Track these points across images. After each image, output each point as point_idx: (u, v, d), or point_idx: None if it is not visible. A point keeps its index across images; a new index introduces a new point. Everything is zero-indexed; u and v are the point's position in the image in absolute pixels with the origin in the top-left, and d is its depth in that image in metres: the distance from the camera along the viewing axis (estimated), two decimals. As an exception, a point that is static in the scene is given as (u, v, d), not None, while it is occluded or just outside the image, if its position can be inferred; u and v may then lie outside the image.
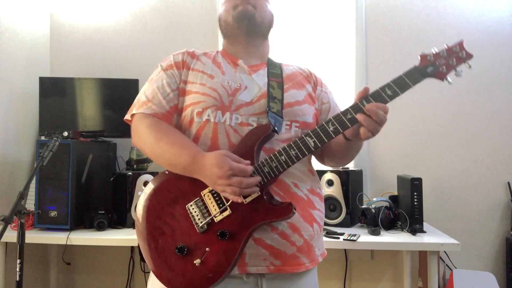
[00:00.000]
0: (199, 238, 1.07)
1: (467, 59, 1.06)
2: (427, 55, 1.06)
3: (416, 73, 1.04)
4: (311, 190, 1.19)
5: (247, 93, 1.19)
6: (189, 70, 1.23)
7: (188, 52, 1.28)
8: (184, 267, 1.06)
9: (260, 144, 1.11)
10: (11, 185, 2.48)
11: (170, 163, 1.11)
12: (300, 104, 1.22)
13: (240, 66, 1.26)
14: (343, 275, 2.53)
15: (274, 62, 1.32)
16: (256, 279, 1.11)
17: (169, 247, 1.08)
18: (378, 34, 2.66)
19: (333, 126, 1.06)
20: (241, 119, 1.15)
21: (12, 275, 1.85)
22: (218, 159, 1.02)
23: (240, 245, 1.04)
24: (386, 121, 1.04)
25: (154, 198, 1.14)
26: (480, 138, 2.55)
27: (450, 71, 1.05)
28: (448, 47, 1.06)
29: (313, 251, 1.17)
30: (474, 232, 2.51)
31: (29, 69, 2.68)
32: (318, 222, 1.19)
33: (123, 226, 2.25)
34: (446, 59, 1.05)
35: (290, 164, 1.07)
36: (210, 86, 1.18)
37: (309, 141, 1.07)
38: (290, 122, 1.19)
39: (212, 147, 1.14)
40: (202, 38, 2.73)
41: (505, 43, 2.57)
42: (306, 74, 1.34)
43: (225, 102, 1.16)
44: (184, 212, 1.09)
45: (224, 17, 1.30)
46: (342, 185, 2.23)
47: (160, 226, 1.10)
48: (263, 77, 1.24)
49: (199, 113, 1.16)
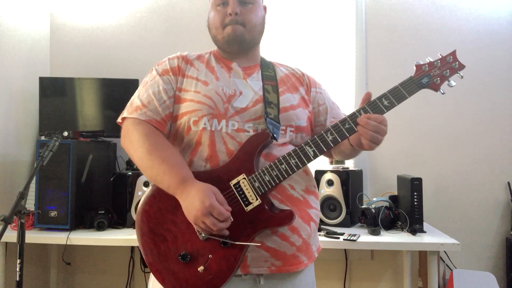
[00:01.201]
0: (202, 245, 1.08)
1: (459, 69, 1.10)
2: (422, 65, 1.10)
3: (412, 84, 1.09)
4: (306, 189, 1.20)
5: (242, 98, 1.19)
6: (184, 78, 1.22)
7: (182, 56, 1.26)
8: (188, 273, 1.07)
9: (259, 152, 1.13)
10: (11, 185, 2.47)
11: (156, 178, 1.10)
12: (294, 109, 1.23)
13: (234, 69, 1.25)
14: (343, 275, 2.53)
15: (266, 63, 1.32)
16: (254, 276, 1.12)
17: (172, 253, 1.09)
18: (378, 34, 2.65)
19: (332, 136, 1.09)
20: (237, 126, 1.16)
21: (12, 275, 1.85)
22: (204, 193, 1.02)
23: (242, 252, 1.06)
24: (386, 130, 1.07)
25: (154, 204, 1.14)
26: (480, 138, 2.55)
27: (443, 82, 1.10)
28: (442, 57, 1.10)
29: (311, 249, 1.20)
30: (474, 232, 2.51)
31: (29, 69, 2.68)
32: (315, 220, 1.21)
33: (123, 226, 2.25)
34: (440, 69, 1.09)
35: (290, 173, 1.10)
36: (205, 94, 1.18)
37: (308, 150, 1.10)
38: (285, 127, 1.20)
39: (211, 155, 1.14)
40: (202, 38, 2.71)
41: (505, 43, 2.57)
42: (299, 75, 1.34)
43: (220, 109, 1.16)
44: (186, 219, 1.08)
45: (213, 33, 1.28)
46: (342, 185, 2.23)
47: (162, 232, 1.11)
48: (258, 81, 1.24)
49: (195, 121, 1.16)
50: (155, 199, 1.14)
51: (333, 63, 2.68)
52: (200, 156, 1.15)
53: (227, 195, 1.09)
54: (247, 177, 1.09)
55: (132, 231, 2.16)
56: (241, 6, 1.23)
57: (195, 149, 1.17)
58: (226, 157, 1.13)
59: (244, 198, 1.09)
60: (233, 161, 1.12)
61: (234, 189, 1.09)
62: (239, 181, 1.09)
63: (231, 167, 1.11)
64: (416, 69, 1.10)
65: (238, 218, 1.07)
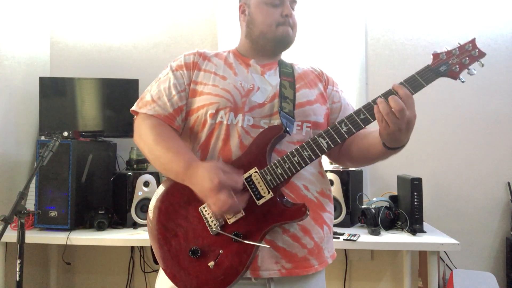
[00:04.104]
0: (213, 240, 1.07)
1: (479, 57, 1.04)
2: (439, 54, 1.05)
3: (430, 72, 1.03)
4: (321, 192, 1.19)
5: (260, 94, 1.19)
6: (200, 71, 1.22)
7: (199, 53, 1.26)
8: (198, 269, 1.06)
9: (272, 145, 1.11)
10: (11, 185, 2.47)
11: (165, 167, 1.11)
12: (311, 104, 1.22)
13: (252, 66, 1.25)
14: (343, 275, 2.53)
15: (285, 62, 1.31)
16: (264, 280, 1.10)
17: (183, 248, 1.08)
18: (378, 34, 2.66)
19: (346, 127, 1.05)
20: (252, 121, 1.15)
21: (12, 275, 1.85)
22: (212, 171, 1.00)
23: (254, 248, 1.04)
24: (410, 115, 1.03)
25: (166, 200, 1.13)
26: (480, 138, 2.55)
27: (463, 70, 1.04)
28: (461, 46, 1.05)
29: (323, 253, 1.17)
30: (474, 232, 2.51)
31: (29, 69, 2.68)
32: (328, 224, 1.19)
33: (123, 226, 2.25)
34: (459, 57, 1.04)
35: (303, 165, 1.06)
36: (223, 88, 1.17)
37: (322, 142, 1.06)
38: (301, 122, 1.18)
39: (224, 148, 1.14)
40: (202, 38, 2.74)
41: (505, 43, 2.57)
42: (318, 73, 1.34)
43: (238, 103, 1.16)
44: (197, 214, 1.08)
45: (263, 30, 1.24)
46: (342, 185, 2.23)
47: (173, 227, 1.10)
48: (275, 76, 1.24)
49: (212, 114, 1.15)
50: (167, 195, 1.14)
51: (333, 63, 2.68)
52: (213, 149, 1.15)
53: None
54: (259, 171, 1.07)
55: (132, 231, 2.16)
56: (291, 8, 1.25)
57: (208, 142, 1.16)
58: (239, 151, 1.12)
59: (256, 192, 1.06)
60: (245, 155, 1.11)
61: (246, 183, 1.07)
62: (250, 175, 1.08)
63: (243, 160, 1.10)
64: (434, 57, 1.05)
65: (250, 211, 1.05)
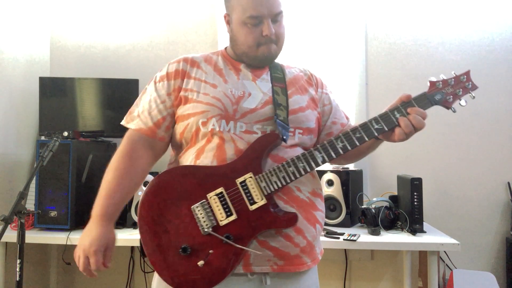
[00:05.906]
0: (203, 239, 1.08)
1: (472, 89, 1.13)
2: (435, 82, 1.13)
3: (425, 100, 1.11)
4: (312, 192, 1.20)
5: (252, 99, 1.19)
6: (190, 79, 1.21)
7: (185, 59, 1.25)
8: (187, 267, 1.08)
9: (267, 152, 1.13)
10: (11, 185, 2.47)
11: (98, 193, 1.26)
12: (303, 111, 1.23)
13: (243, 71, 1.24)
14: (343, 275, 2.52)
15: (276, 64, 1.31)
16: (260, 276, 1.13)
17: (173, 245, 1.09)
18: (378, 34, 2.66)
19: (342, 143, 1.11)
20: (245, 127, 1.16)
21: (12, 275, 1.85)
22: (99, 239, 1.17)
23: (243, 250, 1.07)
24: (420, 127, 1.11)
25: (158, 195, 1.13)
26: (480, 138, 2.55)
27: (456, 100, 1.12)
28: (456, 76, 1.13)
29: (314, 251, 1.20)
30: (474, 232, 2.51)
31: (29, 69, 2.68)
32: (320, 222, 1.21)
33: (123, 226, 2.25)
34: (453, 88, 1.12)
35: (297, 176, 1.11)
36: (214, 96, 1.17)
37: (317, 155, 1.12)
38: (294, 129, 1.20)
39: (219, 155, 1.14)
40: (202, 39, 2.74)
41: (505, 43, 2.57)
42: (308, 76, 1.34)
43: (229, 111, 1.16)
44: (189, 212, 1.09)
45: (244, 50, 1.22)
46: (342, 185, 2.23)
47: (164, 223, 1.11)
48: (267, 82, 1.24)
49: (204, 123, 1.16)
50: (160, 189, 1.14)
51: (333, 63, 2.68)
52: (208, 153, 1.15)
53: (232, 192, 1.09)
54: (254, 176, 1.09)
55: (132, 231, 2.16)
56: (273, 24, 1.20)
57: (203, 147, 1.17)
58: (234, 155, 1.13)
59: (250, 197, 1.09)
60: (241, 159, 1.12)
61: (240, 187, 1.09)
62: (245, 180, 1.09)
63: (238, 165, 1.11)
64: (430, 85, 1.12)
65: (242, 216, 1.07)
